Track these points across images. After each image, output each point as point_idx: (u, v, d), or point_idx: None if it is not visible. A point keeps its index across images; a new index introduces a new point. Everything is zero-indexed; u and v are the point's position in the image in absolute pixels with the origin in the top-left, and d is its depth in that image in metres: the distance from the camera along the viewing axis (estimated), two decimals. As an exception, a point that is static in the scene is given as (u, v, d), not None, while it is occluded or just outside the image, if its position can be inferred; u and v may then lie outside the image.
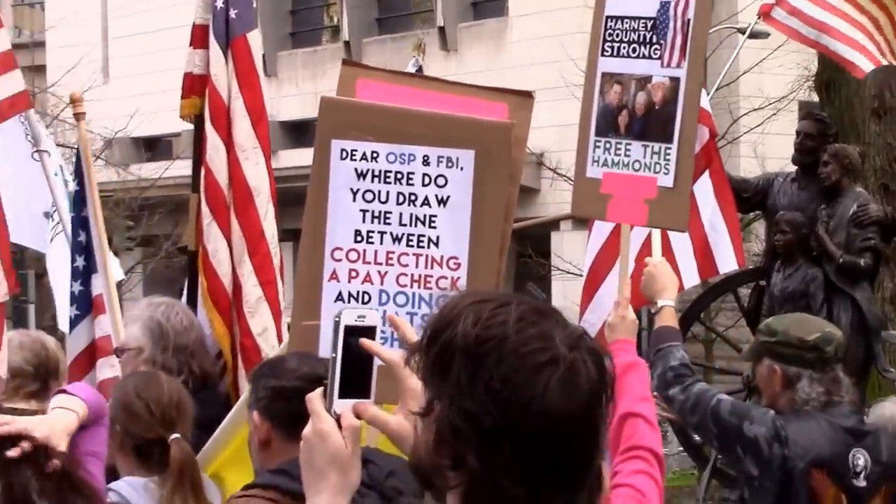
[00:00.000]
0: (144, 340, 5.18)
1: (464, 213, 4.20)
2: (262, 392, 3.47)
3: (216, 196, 5.60)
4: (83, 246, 6.25)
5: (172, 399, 4.24)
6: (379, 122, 4.21)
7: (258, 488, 3.19)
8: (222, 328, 5.53)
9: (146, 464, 4.18)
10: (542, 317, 2.12)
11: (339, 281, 4.19)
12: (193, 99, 5.85)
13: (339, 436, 2.46)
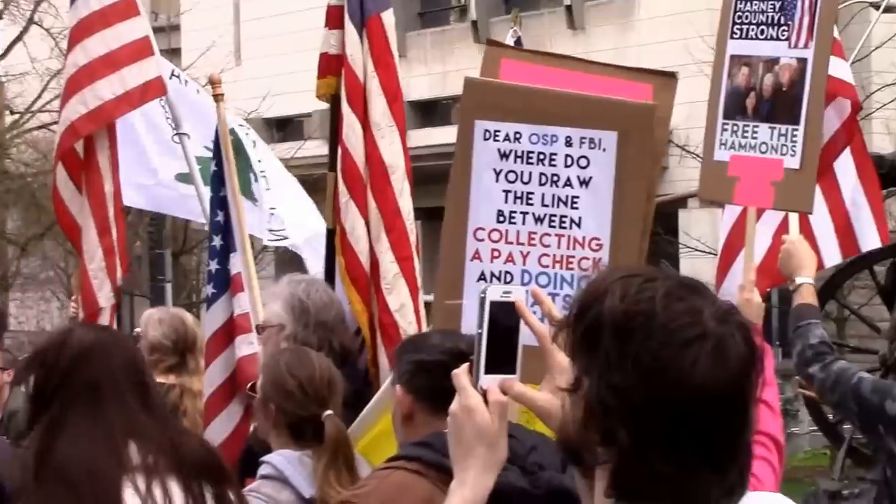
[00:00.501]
0: (286, 317, 5.24)
1: (606, 193, 4.20)
2: (405, 366, 3.51)
3: (353, 174, 5.66)
4: (221, 225, 6.36)
5: (324, 377, 4.30)
6: (522, 102, 4.23)
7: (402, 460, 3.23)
8: (360, 305, 5.59)
9: (300, 440, 4.25)
10: (690, 292, 2.12)
11: (481, 261, 4.22)
12: (329, 79, 5.92)
13: (485, 411, 2.48)
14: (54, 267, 30.77)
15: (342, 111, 5.75)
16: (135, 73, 6.62)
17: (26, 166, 29.03)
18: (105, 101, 6.53)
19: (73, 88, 6.58)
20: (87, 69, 6.57)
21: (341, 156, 5.72)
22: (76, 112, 6.53)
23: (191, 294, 27.96)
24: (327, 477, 4.12)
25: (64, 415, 3.34)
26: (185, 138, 7.29)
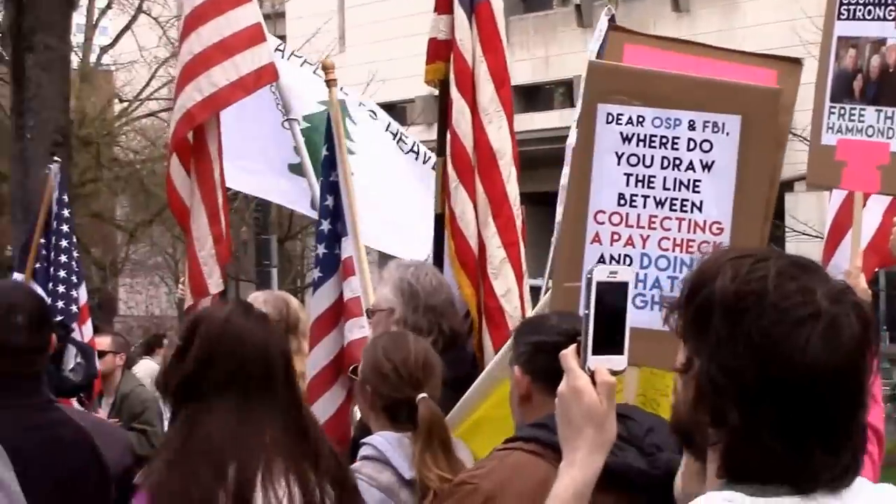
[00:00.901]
0: (396, 301, 5.28)
1: (728, 178, 4.19)
2: (523, 347, 3.53)
3: (462, 159, 5.69)
4: (330, 210, 6.40)
5: (419, 360, 4.31)
6: (645, 86, 4.23)
7: (519, 441, 3.25)
8: (470, 289, 5.62)
9: (396, 422, 4.27)
10: (803, 271, 2.11)
11: (601, 243, 4.22)
12: (438, 64, 5.95)
13: (593, 392, 2.49)
14: (162, 253, 31.21)
15: (451, 96, 5.78)
16: (248, 59, 6.69)
17: (135, 154, 29.47)
18: (220, 87, 6.60)
19: (188, 76, 6.67)
20: (202, 56, 6.65)
21: (450, 141, 5.75)
22: (191, 99, 6.61)
23: (296, 279, 28.22)
24: (424, 459, 4.14)
25: (212, 399, 3.43)
26: (294, 124, 7.35)
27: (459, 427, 4.63)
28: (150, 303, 30.65)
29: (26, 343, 4.08)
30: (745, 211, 4.19)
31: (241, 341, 3.46)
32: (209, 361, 3.45)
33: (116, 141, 29.09)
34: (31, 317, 4.12)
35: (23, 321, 4.09)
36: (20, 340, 4.06)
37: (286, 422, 3.46)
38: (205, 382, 3.44)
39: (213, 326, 3.50)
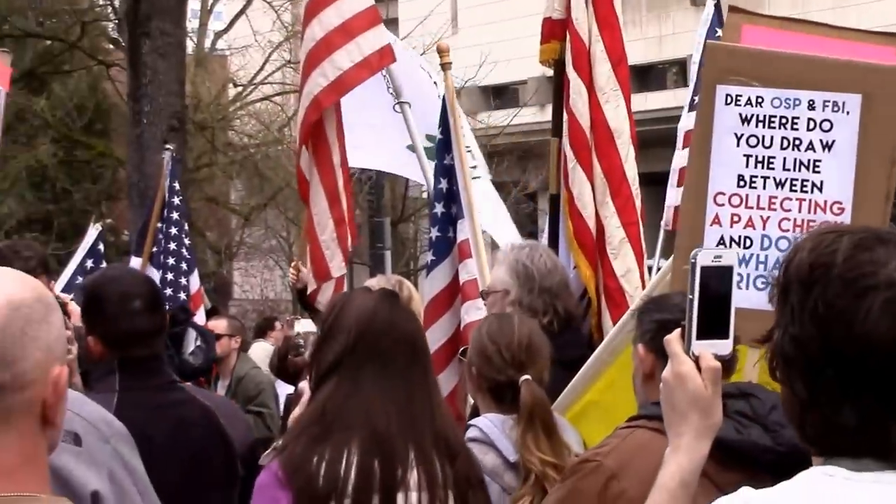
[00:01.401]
0: (510, 282, 5.26)
1: (849, 157, 4.12)
2: (648, 325, 3.50)
3: (579, 139, 5.65)
4: (443, 193, 6.40)
5: (522, 342, 4.30)
6: (764, 67, 4.18)
7: (643, 419, 3.22)
8: (588, 270, 5.58)
9: (501, 404, 4.27)
10: (881, 243, 2.06)
11: (720, 225, 4.18)
12: (553, 44, 5.91)
13: (697, 378, 2.48)
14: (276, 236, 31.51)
15: (567, 76, 5.73)
16: (370, 40, 6.71)
17: (249, 138, 29.77)
18: (344, 70, 6.63)
19: (313, 62, 6.70)
20: (324, 41, 6.69)
21: (567, 121, 5.71)
22: (318, 85, 6.65)
23: (409, 262, 28.34)
24: (525, 442, 4.13)
25: (350, 380, 3.48)
26: (405, 107, 7.35)
27: (569, 410, 4.61)
28: (265, 286, 30.98)
29: (145, 327, 4.19)
30: (865, 190, 4.13)
31: (389, 326, 3.52)
32: (356, 344, 3.50)
33: (231, 125, 29.41)
34: (146, 301, 4.23)
35: (139, 306, 4.20)
36: (139, 325, 4.18)
37: (422, 405, 3.51)
38: (348, 364, 3.50)
39: (362, 310, 3.55)
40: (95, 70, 25.18)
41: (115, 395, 4.13)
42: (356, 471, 3.37)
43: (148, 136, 13.38)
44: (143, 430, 3.99)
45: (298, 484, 3.36)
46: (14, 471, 1.97)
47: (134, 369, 4.19)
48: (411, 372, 3.53)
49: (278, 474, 3.39)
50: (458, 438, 3.63)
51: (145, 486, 3.28)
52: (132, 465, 3.25)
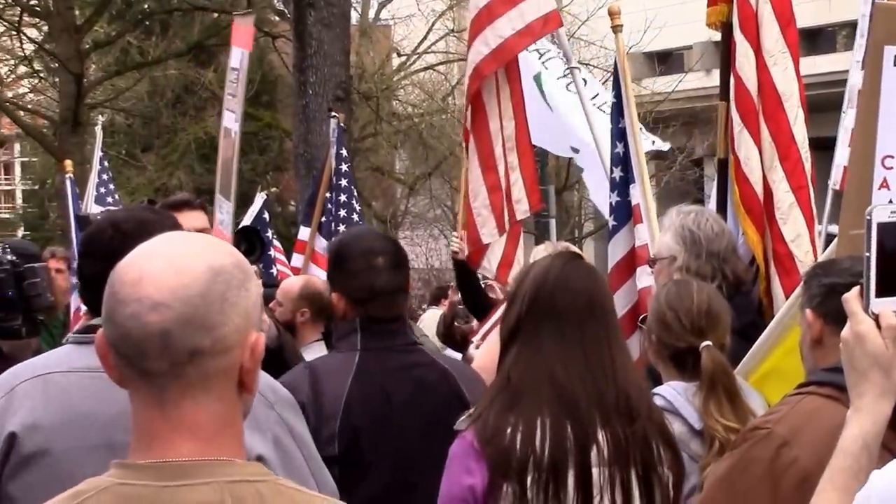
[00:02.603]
0: (677, 248, 5.21)
1: None
2: (816, 290, 3.43)
3: (746, 103, 5.54)
4: (620, 157, 6.37)
5: (702, 308, 4.24)
6: None
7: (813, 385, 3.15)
8: (755, 235, 5.49)
9: (682, 371, 4.22)
10: None
11: (889, 189, 4.07)
12: (720, 6, 5.82)
13: (878, 336, 2.43)
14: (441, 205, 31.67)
15: (734, 39, 5.63)
16: (533, 6, 6.69)
17: (413, 107, 29.95)
18: (505, 38, 6.62)
19: (475, 32, 6.71)
20: (486, 9, 6.70)
21: (734, 84, 5.61)
22: (479, 54, 6.66)
23: (573, 230, 28.27)
24: (708, 408, 4.08)
25: (530, 342, 3.45)
26: (576, 72, 7.31)
27: (751, 376, 4.55)
28: (430, 255, 31.18)
29: (387, 284, 4.20)
30: None
31: (561, 283, 3.47)
32: (530, 306, 3.47)
33: (395, 95, 29.63)
34: (390, 258, 4.24)
35: (383, 263, 4.21)
36: (381, 281, 4.19)
37: (601, 363, 3.46)
38: (526, 328, 3.47)
39: (537, 273, 3.53)
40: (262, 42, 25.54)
41: (356, 355, 4.17)
42: (550, 440, 3.34)
43: (313, 106, 13.51)
44: (384, 391, 4.13)
45: (493, 456, 3.34)
46: (212, 436, 2.01)
47: (375, 329, 4.21)
48: (589, 329, 3.47)
49: (473, 444, 3.38)
50: (642, 396, 3.55)
51: (310, 451, 3.30)
52: (297, 430, 3.27)
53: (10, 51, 27.38)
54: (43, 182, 35.02)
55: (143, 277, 1.99)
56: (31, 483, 3.00)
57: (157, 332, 1.96)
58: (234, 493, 1.97)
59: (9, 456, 3.03)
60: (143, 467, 1.98)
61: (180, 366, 1.97)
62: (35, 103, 28.82)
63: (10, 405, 3.07)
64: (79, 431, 3.02)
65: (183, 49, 25.33)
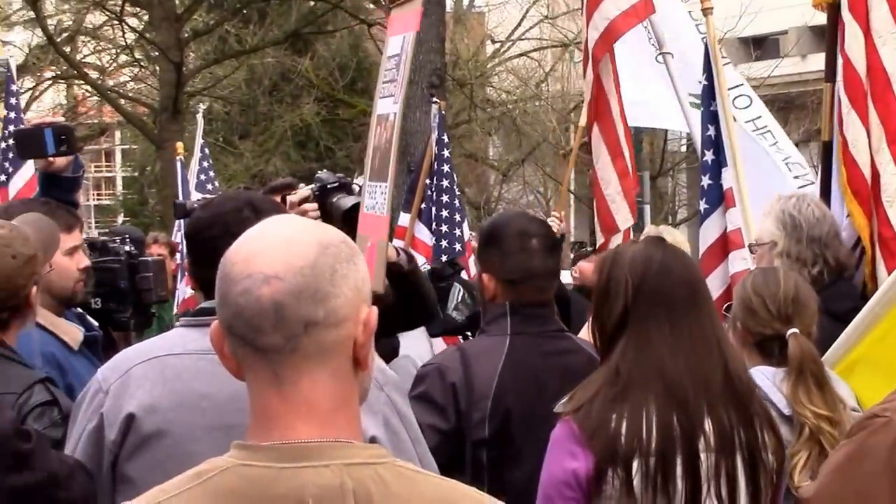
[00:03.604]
0: (778, 234, 5.18)
1: None
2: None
3: (855, 85, 5.48)
4: (712, 140, 6.35)
5: (788, 295, 4.20)
6: None
7: None
8: (863, 218, 5.43)
9: (767, 358, 4.20)
10: None
11: None
12: (827, -13, 5.76)
13: None
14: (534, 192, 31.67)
15: (842, 20, 5.57)
16: None
17: (507, 94, 29.96)
18: (611, 19, 6.59)
19: (588, 17, 6.69)
20: None
21: (842, 66, 5.55)
22: (591, 39, 6.64)
23: (667, 216, 28.12)
24: (797, 395, 4.05)
25: (638, 333, 3.43)
26: (668, 57, 7.28)
27: (838, 364, 4.50)
28: (523, 241, 31.12)
29: (539, 267, 4.21)
30: None
31: (665, 269, 3.46)
32: (636, 296, 3.44)
33: (489, 81, 29.66)
34: (543, 241, 4.24)
35: (536, 245, 4.21)
36: (533, 264, 4.20)
37: (709, 349, 3.44)
38: (632, 319, 3.44)
39: (635, 261, 3.49)
40: (357, 30, 25.73)
41: (506, 339, 4.18)
42: (657, 428, 3.32)
43: (409, 93, 13.56)
44: (534, 375, 4.14)
45: (600, 445, 3.32)
46: (330, 416, 2.01)
47: (526, 313, 4.21)
48: (693, 315, 3.44)
49: (576, 431, 3.37)
50: (747, 381, 3.53)
51: (416, 434, 3.30)
52: (404, 412, 3.27)
53: (111, 40, 27.84)
54: (143, 169, 35.54)
55: (253, 255, 2.00)
56: (148, 464, 3.04)
57: (269, 306, 1.96)
58: (354, 475, 1.97)
59: (127, 436, 3.07)
60: (263, 448, 1.98)
61: (295, 338, 1.97)
62: (136, 91, 29.26)
63: (127, 387, 3.11)
64: (195, 412, 3.06)
65: (280, 37, 25.56)
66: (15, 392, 3.70)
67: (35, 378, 3.79)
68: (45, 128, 4.96)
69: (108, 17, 26.42)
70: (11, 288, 3.82)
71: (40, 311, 4.26)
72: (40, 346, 4.30)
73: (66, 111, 28.63)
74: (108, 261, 4.98)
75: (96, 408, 3.12)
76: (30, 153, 5.26)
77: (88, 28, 27.94)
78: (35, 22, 25.40)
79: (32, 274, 3.88)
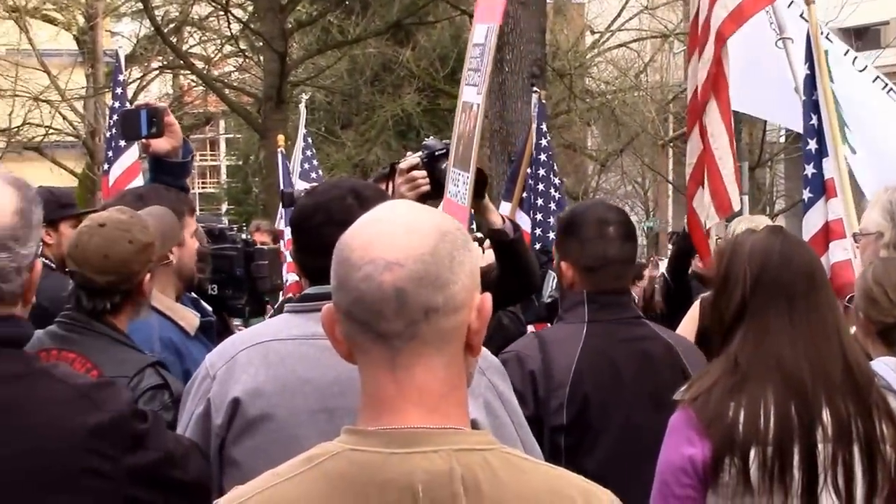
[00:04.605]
0: (885, 224, 5.07)
1: None
2: None
3: None
4: (815, 129, 6.32)
5: None
6: None
7: None
8: None
9: (892, 347, 4.13)
10: None
11: None
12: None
13: None
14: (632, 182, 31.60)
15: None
16: None
17: (606, 84, 29.92)
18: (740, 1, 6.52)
19: None
20: None
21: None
22: (718, 18, 6.57)
23: (765, 207, 27.92)
24: None
25: (757, 323, 3.42)
26: (788, 42, 7.21)
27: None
28: (624, 231, 31.03)
29: (616, 254, 4.24)
30: None
31: (785, 259, 3.45)
32: (755, 286, 3.43)
33: (588, 72, 29.62)
34: (622, 229, 4.27)
35: (614, 233, 4.24)
36: (614, 251, 4.23)
37: (828, 339, 3.42)
38: (752, 309, 3.43)
39: (755, 251, 3.48)
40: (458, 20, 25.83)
41: (583, 326, 4.20)
42: (775, 418, 3.30)
43: (510, 83, 13.61)
44: (612, 362, 4.16)
45: (717, 433, 3.31)
46: (439, 402, 2.02)
47: (603, 301, 4.22)
48: (814, 304, 3.43)
49: (694, 419, 3.35)
50: (867, 371, 3.48)
51: (519, 419, 3.27)
52: (506, 397, 3.25)
53: (217, 31, 28.25)
54: (246, 157, 35.94)
55: (374, 240, 1.99)
56: (254, 447, 3.05)
57: (392, 292, 1.96)
58: (462, 461, 1.97)
59: (233, 421, 3.09)
60: (373, 433, 1.99)
61: (415, 324, 1.97)
62: (240, 81, 29.66)
63: (233, 372, 3.13)
64: (299, 397, 3.06)
65: (382, 28, 25.74)
66: (127, 375, 3.77)
67: (146, 362, 3.88)
68: (141, 109, 4.97)
69: (213, 8, 26.83)
70: (126, 272, 3.89)
71: (159, 297, 4.35)
72: (159, 331, 4.35)
73: (172, 101, 29.03)
74: (224, 248, 5.00)
75: (204, 393, 3.16)
76: (127, 134, 5.27)
77: (195, 19, 28.36)
78: (143, 13, 25.83)
79: (147, 261, 3.95)
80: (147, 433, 2.82)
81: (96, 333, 3.90)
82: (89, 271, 3.88)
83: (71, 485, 2.60)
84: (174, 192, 4.76)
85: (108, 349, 3.86)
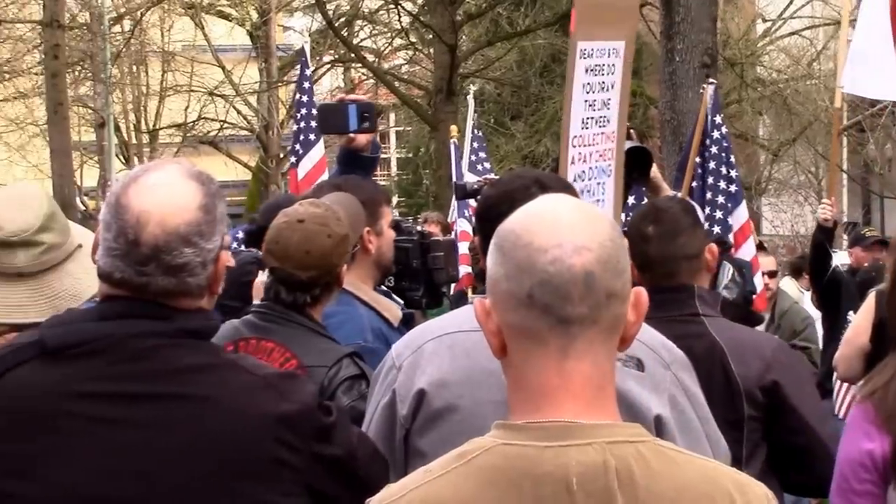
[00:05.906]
0: None
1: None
2: None
3: None
4: None
5: None
6: None
7: None
8: None
9: None
10: None
11: None
12: None
13: None
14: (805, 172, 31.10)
15: None
16: None
17: (778, 73, 29.51)
18: None
19: None
20: None
21: None
22: None
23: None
24: None
25: None
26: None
27: None
28: (796, 222, 30.67)
29: (657, 255, 4.22)
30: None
31: None
32: None
33: (759, 61, 29.26)
34: (660, 228, 4.24)
35: (653, 232, 4.24)
36: (652, 251, 4.21)
37: None
38: None
39: None
40: (627, 11, 25.65)
41: None
42: None
43: (680, 73, 13.51)
44: None
45: None
46: (596, 393, 2.03)
47: (656, 300, 4.13)
48: None
49: (871, 414, 3.35)
50: None
51: (706, 414, 3.23)
52: (692, 391, 3.21)
53: (387, 24, 28.61)
54: (417, 150, 36.29)
55: (558, 224, 2.01)
56: (439, 438, 3.03)
57: (581, 275, 1.97)
58: (616, 453, 1.97)
59: (418, 411, 3.10)
60: (526, 428, 2.00)
61: (598, 309, 1.99)
62: (410, 74, 29.97)
63: (419, 363, 3.14)
64: (483, 387, 3.03)
65: (551, 19, 25.80)
66: (326, 365, 3.84)
67: (344, 352, 3.93)
68: (350, 104, 5.04)
69: (384, 2, 27.19)
70: (326, 266, 3.96)
71: (363, 288, 4.43)
72: (369, 321, 4.40)
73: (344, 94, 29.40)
74: (401, 240, 4.95)
75: (389, 383, 3.18)
76: (331, 128, 5.31)
77: (365, 12, 28.75)
78: (315, 7, 26.28)
79: (344, 253, 4.02)
80: (333, 426, 2.79)
81: (294, 324, 3.98)
82: (291, 267, 3.96)
83: (260, 473, 2.62)
84: (371, 183, 4.85)
85: (306, 339, 3.94)
